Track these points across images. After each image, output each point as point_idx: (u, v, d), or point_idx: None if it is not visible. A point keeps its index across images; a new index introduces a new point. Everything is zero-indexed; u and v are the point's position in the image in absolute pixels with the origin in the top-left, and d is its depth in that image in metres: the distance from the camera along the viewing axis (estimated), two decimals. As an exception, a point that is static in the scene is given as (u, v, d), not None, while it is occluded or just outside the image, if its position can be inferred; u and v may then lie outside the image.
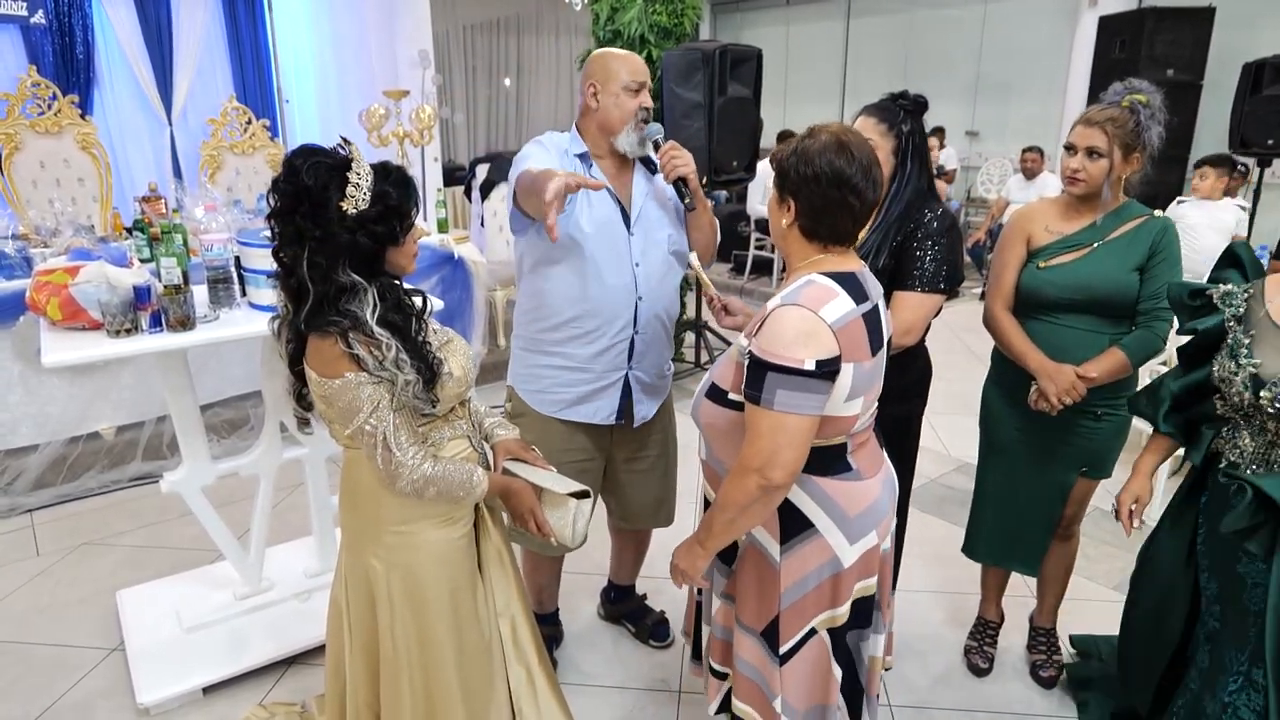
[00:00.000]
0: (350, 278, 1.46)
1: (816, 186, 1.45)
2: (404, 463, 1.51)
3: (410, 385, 1.49)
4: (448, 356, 1.61)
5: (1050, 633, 2.53)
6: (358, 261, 1.46)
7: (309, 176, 1.43)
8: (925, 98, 2.12)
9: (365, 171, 1.46)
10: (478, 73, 10.38)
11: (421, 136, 4.79)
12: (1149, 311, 2.08)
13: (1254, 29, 6.80)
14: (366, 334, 1.45)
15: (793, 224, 1.50)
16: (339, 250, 1.44)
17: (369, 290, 1.47)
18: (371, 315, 1.46)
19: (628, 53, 2.09)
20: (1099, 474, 2.27)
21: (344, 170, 1.44)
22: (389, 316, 1.50)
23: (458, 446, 1.68)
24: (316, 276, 1.45)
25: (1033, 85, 8.54)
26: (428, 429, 1.62)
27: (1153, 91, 2.09)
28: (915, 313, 2.03)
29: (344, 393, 1.47)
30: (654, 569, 2.69)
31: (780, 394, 1.39)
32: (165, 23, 6.15)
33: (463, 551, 1.70)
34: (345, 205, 1.43)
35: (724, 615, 1.73)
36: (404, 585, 1.64)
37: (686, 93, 4.29)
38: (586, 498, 1.77)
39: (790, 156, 1.48)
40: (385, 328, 1.48)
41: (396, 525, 1.62)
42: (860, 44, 10.06)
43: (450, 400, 1.62)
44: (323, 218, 1.43)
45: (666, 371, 2.29)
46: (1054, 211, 2.21)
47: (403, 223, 1.51)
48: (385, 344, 1.46)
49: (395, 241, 1.51)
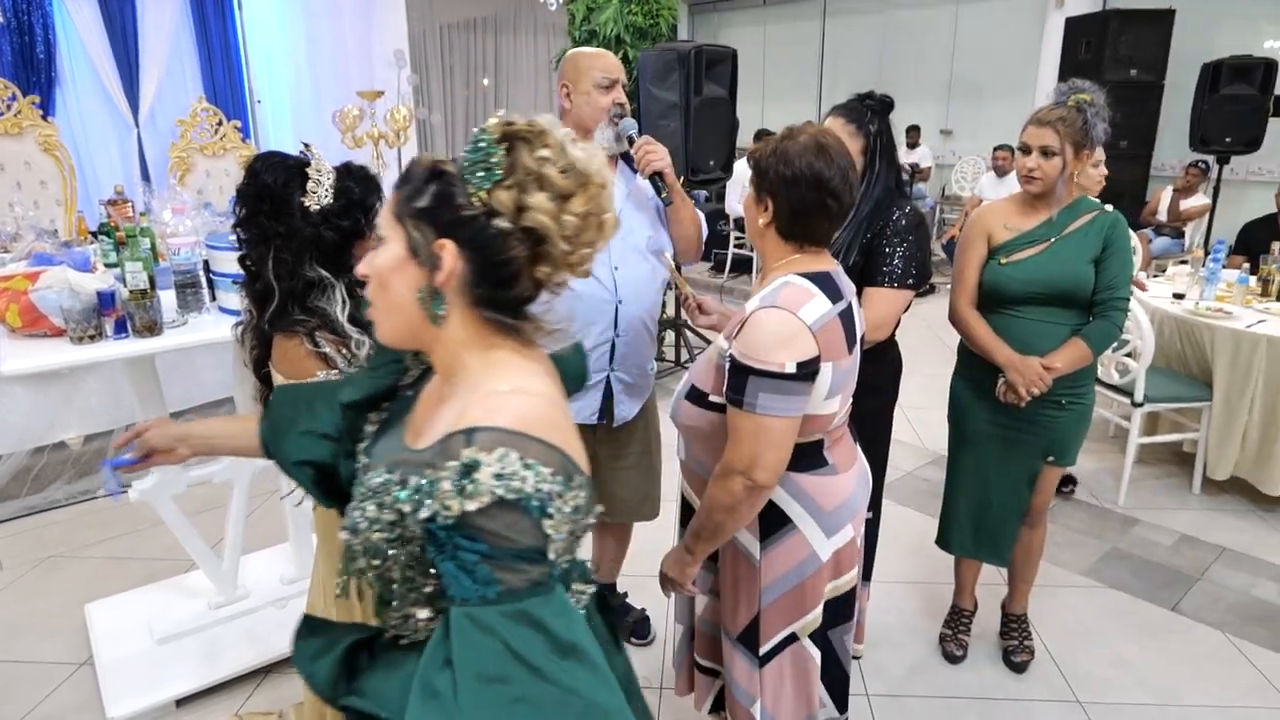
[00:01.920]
0: (317, 272, 1.47)
1: (796, 188, 1.46)
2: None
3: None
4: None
5: (1022, 619, 2.58)
6: (324, 256, 1.48)
7: (269, 175, 1.46)
8: (891, 98, 2.15)
9: (326, 169, 1.48)
10: (455, 73, 10.34)
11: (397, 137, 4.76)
12: (1105, 302, 2.16)
13: (1212, 30, 6.94)
14: (337, 332, 1.45)
15: (770, 223, 1.51)
16: (305, 245, 1.46)
17: (337, 286, 1.48)
18: (342, 312, 1.47)
19: (599, 50, 2.10)
20: (1064, 461, 2.32)
21: (304, 168, 1.47)
22: (359, 314, 1.49)
23: None
24: (283, 273, 1.47)
25: (1004, 85, 8.65)
26: None
27: (1095, 90, 2.15)
28: (886, 309, 2.06)
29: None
30: (634, 567, 2.70)
31: (762, 397, 1.41)
32: (130, 22, 6.04)
33: None
34: (307, 201, 1.45)
35: (712, 611, 1.74)
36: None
37: (662, 93, 4.30)
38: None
39: (770, 157, 1.48)
40: (355, 324, 1.48)
41: None
42: (836, 44, 10.12)
43: None
44: (286, 214, 1.45)
45: (649, 371, 2.29)
46: (1012, 209, 2.27)
47: (367, 215, 1.52)
48: (356, 340, 1.46)
49: (361, 235, 1.52)
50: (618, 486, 2.37)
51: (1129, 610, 2.81)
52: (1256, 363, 3.30)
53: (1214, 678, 2.48)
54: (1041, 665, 2.53)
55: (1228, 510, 3.49)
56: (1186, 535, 3.26)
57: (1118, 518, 3.42)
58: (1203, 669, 2.52)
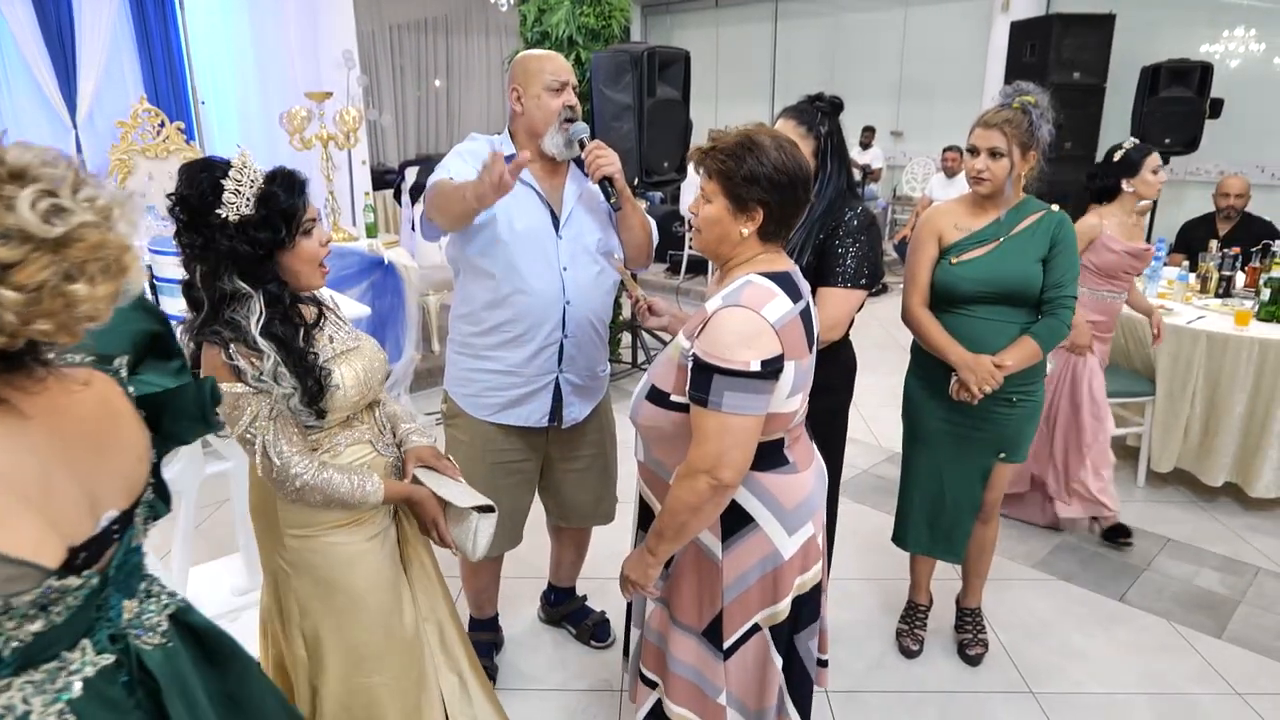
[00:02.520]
0: (235, 285, 1.45)
1: (792, 191, 1.47)
2: (285, 470, 1.50)
3: (288, 398, 1.49)
4: (342, 366, 1.59)
5: (975, 612, 2.63)
6: (242, 268, 1.46)
7: (186, 187, 1.44)
8: (841, 99, 2.18)
9: (248, 178, 1.44)
10: (405, 73, 10.22)
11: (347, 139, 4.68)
12: (1053, 300, 2.20)
13: (1151, 34, 7.16)
14: (249, 344, 1.45)
15: (754, 231, 1.49)
16: (221, 257, 1.44)
17: (254, 298, 1.47)
18: (255, 324, 1.45)
19: (549, 52, 2.09)
20: (1015, 458, 2.37)
21: (222, 178, 1.44)
22: (274, 327, 1.48)
23: (358, 452, 1.66)
24: (206, 284, 1.46)
25: (953, 87, 8.81)
26: (322, 436, 1.61)
27: (1039, 92, 2.20)
28: (839, 308, 2.09)
29: (226, 401, 1.48)
30: (594, 570, 2.69)
31: (727, 396, 1.41)
32: (67, 22, 5.86)
33: (376, 554, 1.67)
34: (223, 212, 1.42)
35: (658, 620, 1.73)
36: (314, 589, 1.63)
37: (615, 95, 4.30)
38: (491, 513, 1.73)
39: (754, 165, 1.44)
40: (269, 339, 1.47)
41: (296, 529, 1.61)
42: (789, 45, 10.23)
43: (343, 409, 1.60)
44: (203, 226, 1.43)
45: (600, 373, 2.29)
46: (961, 210, 2.31)
47: (289, 226, 1.49)
48: (266, 355, 1.45)
49: (282, 245, 1.49)
50: (571, 489, 2.36)
51: (1079, 601, 2.88)
52: (1196, 357, 3.41)
53: (1161, 665, 2.56)
54: (995, 657, 2.58)
55: (1171, 502, 3.60)
56: (1132, 527, 3.35)
57: (1067, 510, 3.50)
58: (1150, 657, 2.59)
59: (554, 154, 2.05)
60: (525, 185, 2.05)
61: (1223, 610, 2.82)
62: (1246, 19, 6.92)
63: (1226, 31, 7.02)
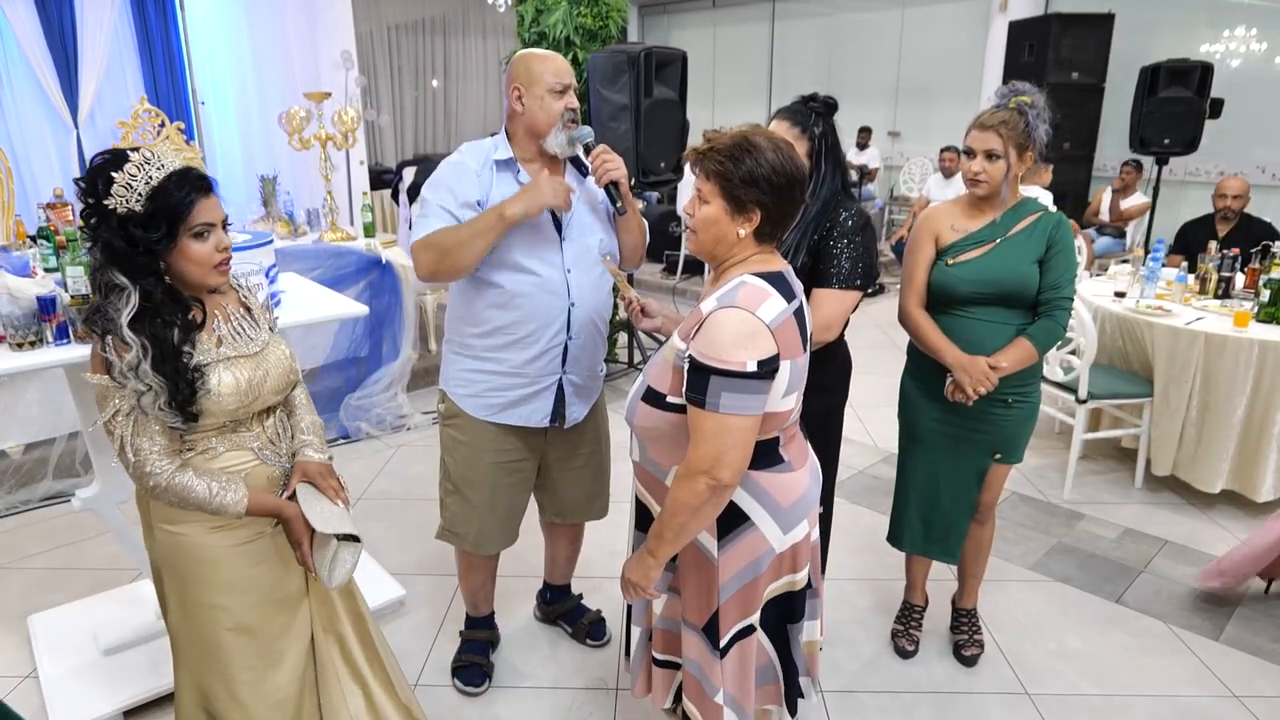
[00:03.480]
0: (113, 276, 1.45)
1: (790, 193, 1.48)
2: (139, 468, 1.50)
3: (141, 395, 1.46)
4: (223, 370, 1.55)
5: (971, 613, 2.63)
6: (120, 262, 1.45)
7: (86, 175, 1.45)
8: (835, 99, 2.17)
9: (144, 174, 1.43)
10: (403, 74, 10.23)
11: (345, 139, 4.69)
12: (1050, 301, 2.20)
13: (1151, 34, 7.15)
14: (120, 338, 1.44)
15: (750, 232, 1.50)
16: (102, 249, 1.45)
17: (130, 291, 1.45)
18: (125, 317, 1.44)
19: (550, 53, 2.07)
20: (1011, 459, 2.37)
21: (116, 170, 1.43)
22: (145, 324, 1.46)
23: (238, 458, 1.62)
24: (93, 272, 1.48)
25: (950, 87, 8.82)
26: (199, 438, 1.58)
27: (1035, 92, 2.20)
28: (834, 309, 2.09)
29: (95, 392, 1.50)
30: (589, 569, 2.70)
31: (725, 397, 1.42)
32: (69, 23, 5.89)
33: (243, 557, 1.64)
34: (110, 203, 1.43)
35: (671, 608, 1.74)
36: (173, 583, 1.65)
37: (612, 95, 4.30)
38: (355, 542, 1.65)
39: (752, 167, 1.45)
40: (138, 334, 1.45)
41: (162, 522, 1.61)
42: (785, 46, 10.24)
43: (219, 415, 1.56)
44: (95, 214, 1.44)
45: (599, 372, 2.29)
46: (958, 211, 2.31)
47: (177, 226, 1.46)
48: (134, 351, 1.44)
49: (164, 245, 1.46)
50: (568, 487, 2.37)
51: (1075, 603, 2.88)
52: (1194, 359, 3.41)
53: (1157, 667, 2.56)
54: (991, 659, 2.58)
55: (1168, 504, 3.59)
56: (1130, 529, 3.36)
57: (1063, 513, 3.50)
58: (1147, 659, 2.59)
59: (555, 152, 2.04)
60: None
61: (1220, 613, 2.82)
62: (1247, 18, 6.91)
63: (1227, 31, 7.02)
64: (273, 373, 1.63)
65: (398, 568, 2.99)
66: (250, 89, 6.31)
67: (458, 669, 2.46)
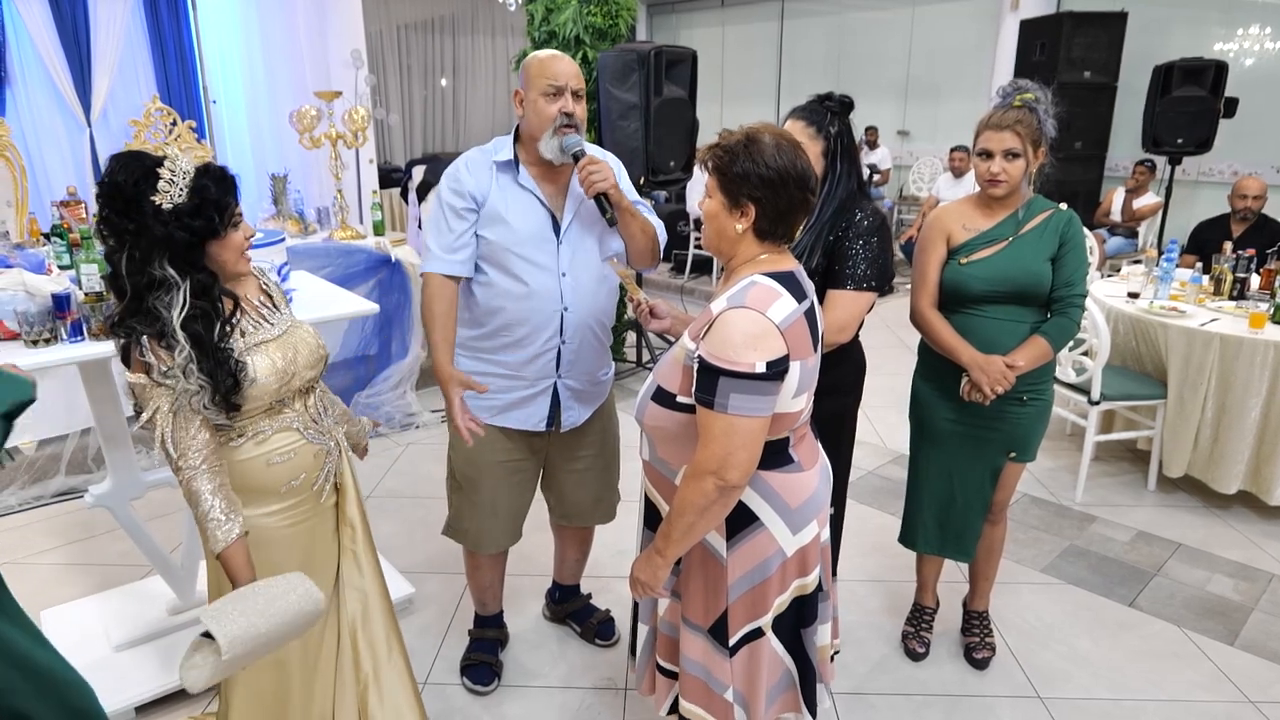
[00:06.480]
0: (164, 271, 1.48)
1: (783, 189, 1.47)
2: (174, 462, 1.53)
3: (191, 394, 1.49)
4: (257, 356, 1.58)
5: (983, 616, 2.61)
6: (174, 255, 1.48)
7: (121, 174, 1.46)
8: (851, 98, 2.16)
9: (181, 170, 1.48)
10: (413, 73, 10.24)
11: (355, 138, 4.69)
12: (1063, 299, 2.19)
13: (1164, 33, 7.10)
14: (164, 337, 1.47)
15: (748, 228, 1.51)
16: (154, 244, 1.47)
17: (181, 287, 1.49)
18: (178, 316, 1.48)
19: (553, 54, 2.04)
20: (1025, 457, 2.35)
21: (156, 167, 1.47)
22: (194, 322, 1.49)
23: (285, 439, 1.67)
24: (133, 269, 1.48)
25: (960, 86, 8.77)
26: (247, 423, 1.62)
27: (1037, 88, 2.19)
28: (848, 310, 2.07)
29: (135, 392, 1.53)
30: (598, 568, 2.69)
31: (734, 398, 1.41)
32: (82, 21, 5.92)
33: (286, 541, 1.71)
34: (158, 199, 1.45)
35: (672, 612, 1.74)
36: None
37: (622, 94, 4.30)
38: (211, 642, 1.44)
39: (745, 162, 1.46)
40: (187, 333, 1.48)
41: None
42: (794, 45, 10.20)
43: (261, 399, 1.61)
44: (137, 212, 1.46)
45: (602, 377, 2.28)
46: (969, 210, 2.30)
47: (222, 215, 1.52)
48: (180, 348, 1.47)
49: (214, 234, 1.52)
50: (572, 489, 2.37)
51: (1087, 606, 2.86)
52: (1209, 361, 3.38)
53: (1171, 672, 2.54)
54: (1002, 661, 2.57)
55: (1182, 506, 3.57)
56: (1143, 532, 3.33)
57: (1075, 515, 3.48)
58: (1160, 663, 2.57)
59: (550, 158, 2.02)
60: (526, 190, 2.05)
61: (1236, 617, 2.80)
62: (1262, 17, 6.84)
63: (1241, 29, 6.95)
64: (301, 349, 1.69)
65: (407, 566, 2.99)
66: (261, 88, 6.34)
67: (467, 667, 2.46)
